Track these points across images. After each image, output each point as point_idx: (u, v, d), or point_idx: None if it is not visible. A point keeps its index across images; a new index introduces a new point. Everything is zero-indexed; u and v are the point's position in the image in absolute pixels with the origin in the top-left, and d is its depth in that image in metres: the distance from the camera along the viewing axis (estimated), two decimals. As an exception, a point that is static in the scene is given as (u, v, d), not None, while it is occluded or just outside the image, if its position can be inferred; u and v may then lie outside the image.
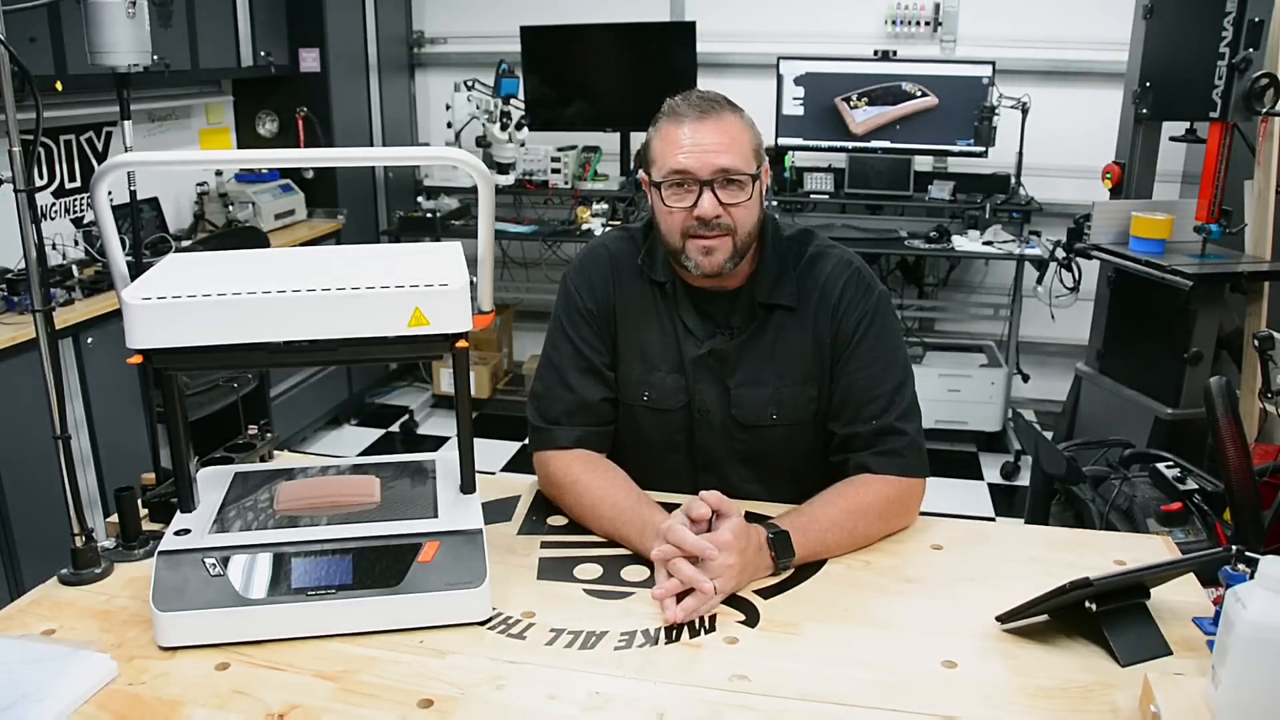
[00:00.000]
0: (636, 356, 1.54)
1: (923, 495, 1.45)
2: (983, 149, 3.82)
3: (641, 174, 1.52)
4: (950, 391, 3.88)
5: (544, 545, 1.38)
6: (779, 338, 1.50)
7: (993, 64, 3.78)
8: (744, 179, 1.40)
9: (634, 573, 1.30)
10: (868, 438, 1.44)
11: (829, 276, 1.49)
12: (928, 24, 4.04)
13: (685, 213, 1.42)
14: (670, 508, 1.32)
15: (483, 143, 4.03)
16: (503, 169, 4.06)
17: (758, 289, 1.50)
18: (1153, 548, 1.37)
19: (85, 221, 3.32)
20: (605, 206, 4.11)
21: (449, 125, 4.11)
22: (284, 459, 1.61)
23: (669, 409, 1.53)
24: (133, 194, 2.69)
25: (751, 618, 1.19)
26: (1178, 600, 1.19)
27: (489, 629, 1.16)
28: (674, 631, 1.16)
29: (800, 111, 3.99)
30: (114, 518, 1.34)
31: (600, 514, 1.40)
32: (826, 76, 3.95)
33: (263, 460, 1.54)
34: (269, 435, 1.56)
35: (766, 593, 1.24)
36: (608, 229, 3.87)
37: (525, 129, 4.12)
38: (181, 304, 1.09)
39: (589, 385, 1.53)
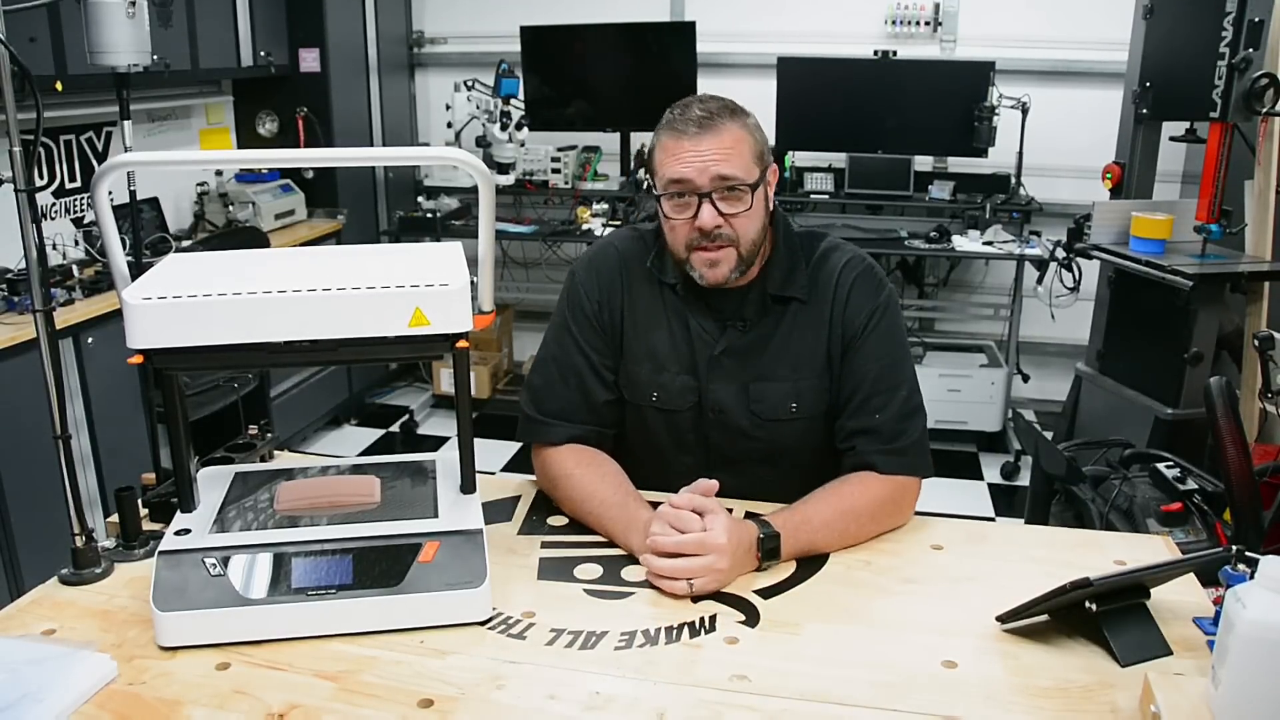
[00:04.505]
0: (645, 357, 1.53)
1: (918, 494, 1.45)
2: (983, 149, 3.82)
3: (646, 180, 1.51)
4: (950, 391, 3.88)
5: (544, 545, 1.38)
6: (793, 330, 1.50)
7: (993, 64, 3.78)
8: (744, 189, 1.40)
9: (634, 573, 1.30)
10: (871, 435, 1.44)
11: (841, 271, 1.50)
12: (928, 24, 4.04)
13: (687, 224, 1.42)
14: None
15: (483, 143, 4.03)
16: (503, 169, 4.06)
17: (769, 282, 1.50)
18: (1153, 548, 1.37)
19: (85, 221, 3.32)
20: (605, 206, 4.11)
21: (449, 125, 4.11)
22: (284, 459, 1.61)
23: (678, 409, 1.53)
24: (133, 194, 2.70)
25: (751, 618, 1.19)
26: (1178, 600, 1.19)
27: (489, 629, 1.16)
28: (674, 631, 1.16)
29: (800, 111, 3.99)
30: (114, 518, 1.34)
31: (589, 509, 1.41)
32: (826, 76, 3.94)
33: (263, 460, 1.54)
34: (269, 435, 1.56)
35: (766, 593, 1.24)
36: (608, 229, 3.89)
37: (525, 129, 4.12)
38: (181, 304, 1.09)
39: (588, 384, 1.52)
